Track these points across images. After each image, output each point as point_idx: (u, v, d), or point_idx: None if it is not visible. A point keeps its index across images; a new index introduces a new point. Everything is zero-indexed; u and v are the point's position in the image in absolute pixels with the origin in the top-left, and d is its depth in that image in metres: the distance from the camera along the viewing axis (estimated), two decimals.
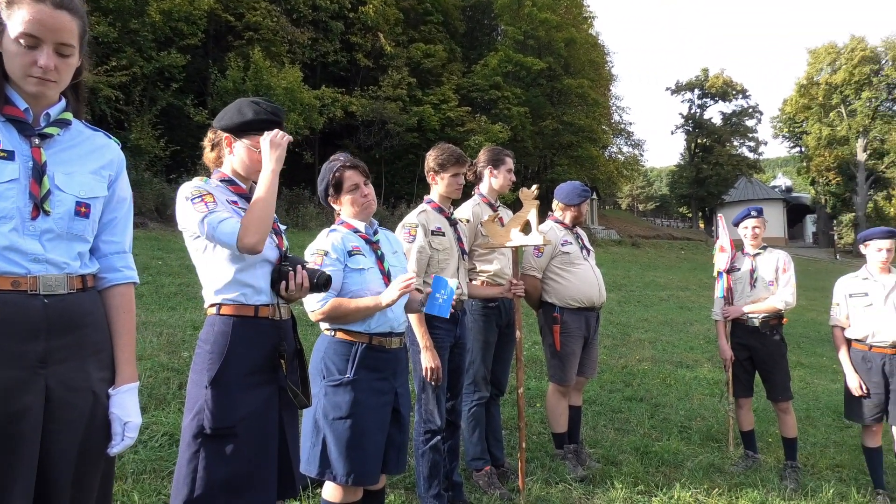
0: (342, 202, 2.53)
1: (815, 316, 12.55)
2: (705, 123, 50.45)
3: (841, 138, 49.48)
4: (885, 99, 48.91)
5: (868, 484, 4.11)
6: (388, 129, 22.04)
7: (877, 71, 48.67)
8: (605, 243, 27.43)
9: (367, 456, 2.35)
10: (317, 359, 2.46)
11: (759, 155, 52.51)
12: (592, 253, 4.20)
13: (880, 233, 3.99)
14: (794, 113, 53.03)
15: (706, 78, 50.38)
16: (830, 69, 50.41)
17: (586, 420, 5.06)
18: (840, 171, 49.57)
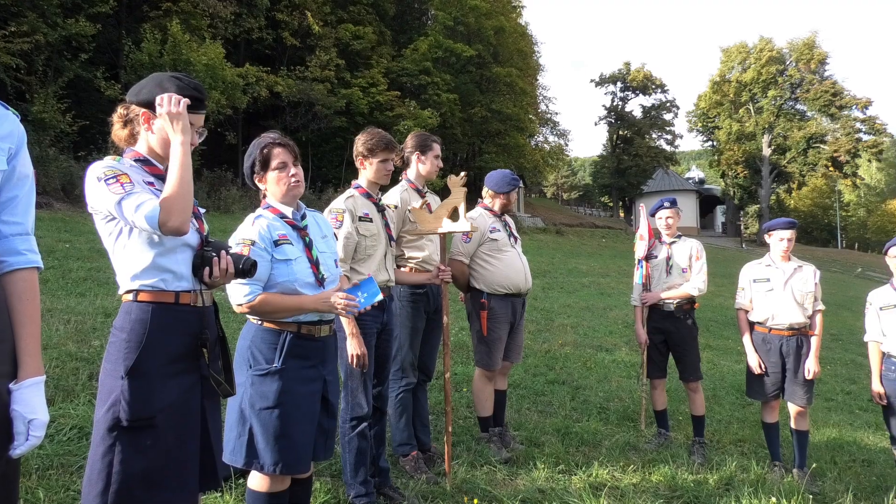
0: (267, 180, 2.44)
1: (722, 301, 13.34)
2: (627, 116, 52.32)
3: (749, 134, 52.65)
4: (789, 98, 52.39)
5: (767, 457, 4.43)
6: (315, 112, 21.55)
7: (782, 71, 52.01)
8: (530, 231, 28.04)
9: (296, 445, 2.31)
10: (242, 347, 2.38)
11: (676, 148, 55.05)
12: (519, 240, 4.28)
13: (782, 223, 4.29)
14: (708, 108, 55.94)
15: (628, 71, 52.17)
16: (741, 68, 53.45)
17: (511, 403, 5.17)
18: (747, 165, 52.80)
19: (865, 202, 70.44)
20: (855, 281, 28.90)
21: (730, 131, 53.15)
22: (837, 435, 5.53)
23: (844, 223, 62.14)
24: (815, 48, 51.02)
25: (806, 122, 51.48)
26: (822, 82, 50.63)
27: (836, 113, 50.35)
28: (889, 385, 4.00)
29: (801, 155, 50.74)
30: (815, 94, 50.22)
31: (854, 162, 50.96)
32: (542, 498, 3.41)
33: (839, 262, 39.86)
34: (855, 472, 4.56)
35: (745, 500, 3.57)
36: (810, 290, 4.18)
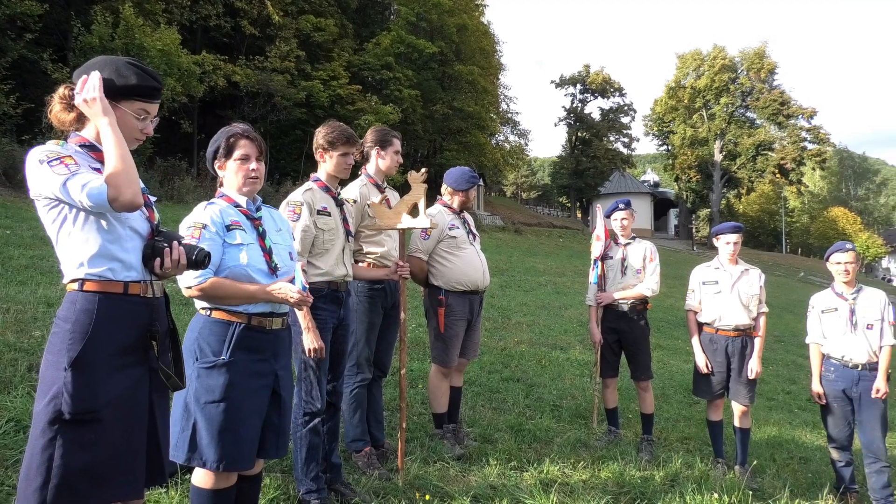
0: (227, 168, 2.40)
1: (673, 302, 13.71)
2: (586, 118, 53.14)
3: (702, 139, 54.22)
4: (739, 105, 54.18)
5: (711, 454, 4.58)
6: (274, 103, 21.17)
7: (734, 79, 53.73)
8: (489, 229, 28.22)
9: (241, 440, 2.26)
10: (190, 339, 2.32)
11: (632, 151, 56.25)
12: (478, 238, 4.30)
13: (729, 228, 4.44)
14: (663, 113, 57.34)
15: (588, 74, 52.97)
16: (695, 74, 54.97)
17: (466, 400, 5.20)
18: (700, 170, 54.38)
19: (809, 209, 73.46)
20: (797, 285, 30.10)
21: (684, 136, 54.63)
22: (777, 433, 5.75)
23: (789, 228, 64.66)
24: (765, 58, 52.87)
25: (755, 130, 53.34)
26: (771, 91, 52.54)
27: (784, 121, 52.36)
28: (827, 385, 4.19)
29: (751, 161, 52.55)
30: (765, 102, 52.08)
31: (799, 170, 53.11)
32: (493, 494, 3.44)
33: (783, 266, 41.48)
34: (792, 469, 4.76)
35: (689, 496, 3.68)
36: (755, 292, 4.34)
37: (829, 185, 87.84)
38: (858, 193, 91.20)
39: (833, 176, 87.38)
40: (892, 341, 4.06)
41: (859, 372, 4.06)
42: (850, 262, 4.12)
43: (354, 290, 3.58)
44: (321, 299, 2.97)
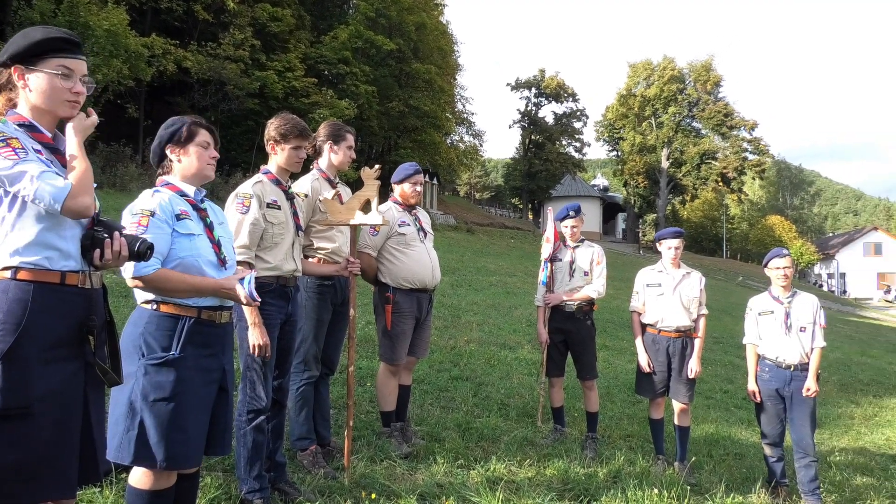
0: (188, 153, 2.32)
1: (619, 304, 14.03)
2: (539, 121, 53.86)
3: (650, 146, 55.83)
4: (686, 115, 56.02)
5: (652, 451, 4.71)
6: (226, 92, 20.64)
7: (681, 90, 55.52)
8: (442, 228, 28.28)
9: (190, 438, 2.20)
10: (133, 334, 2.22)
11: (584, 155, 57.33)
12: (430, 236, 4.29)
13: (671, 233, 4.58)
14: (614, 120, 58.79)
15: (542, 78, 53.70)
16: (646, 83, 56.56)
17: (414, 399, 5.20)
18: (647, 176, 55.98)
19: (748, 216, 76.63)
20: (736, 289, 31.33)
21: (633, 143, 56.11)
22: (714, 430, 5.97)
23: (729, 235, 67.21)
24: (711, 71, 54.84)
25: (700, 139, 55.23)
26: (716, 103, 54.52)
27: (727, 132, 54.42)
28: (762, 384, 4.37)
29: (695, 169, 54.38)
30: (710, 113, 54.00)
31: (740, 179, 55.28)
32: (440, 492, 3.45)
33: (723, 270, 43.08)
34: (728, 465, 4.95)
35: (631, 492, 3.77)
36: (696, 295, 4.49)
37: (767, 195, 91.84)
38: (794, 203, 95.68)
39: (771, 186, 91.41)
40: (823, 343, 4.27)
41: (792, 372, 4.25)
42: (787, 268, 4.32)
43: (303, 285, 3.52)
44: (268, 294, 2.91)
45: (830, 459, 5.54)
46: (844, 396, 8.96)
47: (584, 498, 3.72)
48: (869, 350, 15.46)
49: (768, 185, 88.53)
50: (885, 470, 5.45)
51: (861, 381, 10.33)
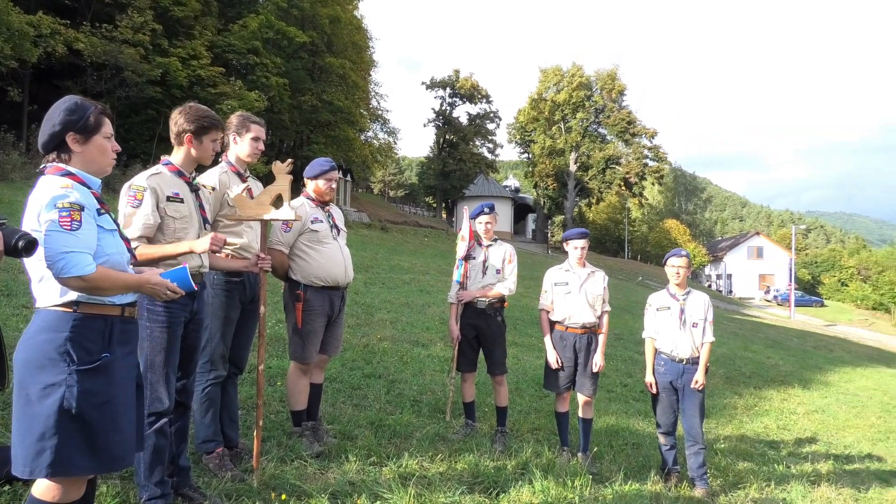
0: (94, 143, 2.15)
1: (529, 302, 14.45)
2: (453, 121, 54.44)
3: (559, 150, 57.89)
4: (593, 121, 58.54)
5: (558, 443, 4.91)
6: (124, 77, 19.38)
7: (589, 96, 57.95)
8: (356, 225, 27.98)
9: (126, 438, 2.13)
10: (55, 341, 2.02)
11: (496, 156, 58.59)
12: (343, 233, 4.25)
13: (577, 234, 4.79)
14: (526, 123, 60.48)
15: (457, 79, 54.32)
16: (556, 89, 58.57)
17: (326, 397, 5.13)
18: (556, 179, 58.00)
19: (648, 220, 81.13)
20: (636, 288, 33.06)
21: (543, 146, 57.96)
22: (615, 422, 6.29)
23: (631, 237, 70.90)
24: (616, 80, 57.58)
25: (606, 145, 57.89)
26: (620, 111, 57.34)
27: (630, 139, 57.39)
28: (658, 377, 4.67)
29: (601, 174, 56.93)
30: (615, 120, 56.72)
31: (641, 184, 58.46)
32: (352, 490, 3.43)
33: (625, 270, 45.38)
34: (626, 454, 5.23)
35: (537, 482, 3.91)
36: (600, 293, 4.72)
37: (665, 200, 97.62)
38: (688, 208, 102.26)
39: (668, 191, 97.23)
40: (712, 339, 4.62)
41: (684, 365, 4.56)
42: (682, 267, 4.63)
43: (210, 282, 3.39)
44: None
45: (717, 447, 5.99)
46: (729, 388, 9.70)
47: (494, 490, 3.82)
48: (751, 345, 16.81)
49: (666, 191, 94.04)
50: (763, 455, 5.96)
51: (744, 374, 11.22)
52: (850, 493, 5.13)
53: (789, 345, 19.63)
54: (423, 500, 3.45)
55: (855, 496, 5.10)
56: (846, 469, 5.95)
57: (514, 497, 3.76)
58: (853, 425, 8.18)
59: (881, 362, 19.18)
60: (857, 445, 7.09)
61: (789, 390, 10.25)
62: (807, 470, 5.61)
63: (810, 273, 70.43)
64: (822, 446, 6.81)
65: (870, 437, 7.62)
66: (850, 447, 6.96)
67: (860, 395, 10.86)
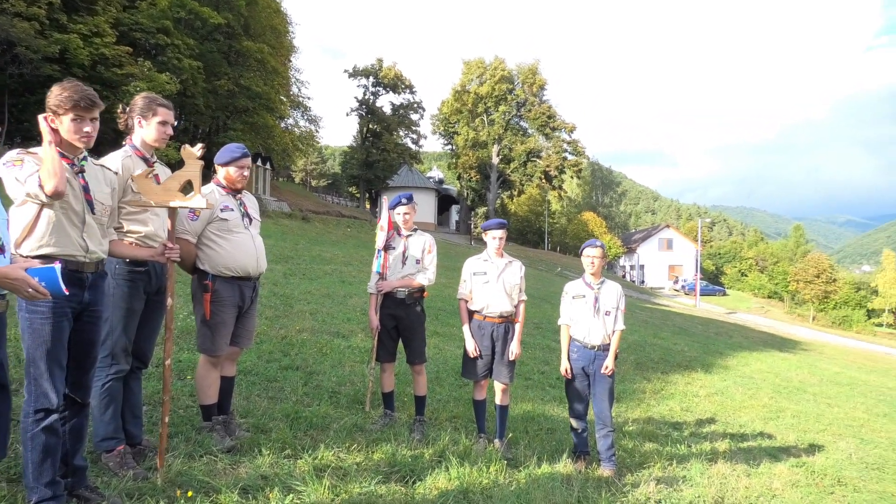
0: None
1: (450, 292, 14.55)
2: (377, 111, 53.93)
3: (482, 142, 58.59)
4: (515, 115, 59.61)
5: (475, 430, 4.99)
6: (17, 54, 17.93)
7: (511, 90, 58.92)
8: (275, 215, 27.22)
9: None
10: None
11: (420, 147, 58.54)
12: (257, 222, 4.12)
13: (495, 224, 4.87)
14: (449, 114, 60.80)
15: (380, 68, 53.79)
16: (479, 81, 59.17)
17: (240, 390, 4.99)
18: (479, 171, 58.70)
19: (567, 212, 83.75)
20: (555, 278, 34.07)
21: (466, 138, 58.47)
22: (531, 408, 6.47)
23: (551, 228, 72.95)
24: (537, 74, 58.84)
25: (527, 138, 59.12)
26: (541, 105, 58.70)
27: (550, 133, 58.91)
28: (572, 363, 4.83)
29: (522, 166, 58.12)
30: (535, 114, 58.01)
31: (560, 177, 60.18)
32: (264, 484, 3.35)
33: (545, 261, 46.65)
34: (541, 439, 5.39)
35: (453, 469, 3.97)
36: (517, 282, 4.82)
37: (583, 193, 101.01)
38: (605, 201, 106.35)
39: (586, 185, 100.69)
40: (623, 326, 4.82)
41: (595, 352, 4.75)
42: (597, 257, 4.80)
43: (112, 272, 3.20)
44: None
45: (625, 429, 6.29)
46: (639, 374, 10.19)
47: (410, 479, 3.85)
48: (660, 333, 17.72)
49: (584, 184, 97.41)
50: (668, 436, 6.31)
51: (652, 360, 11.82)
52: (743, 468, 5.52)
53: (694, 332, 20.86)
54: (338, 492, 3.42)
55: (747, 471, 5.49)
56: (741, 447, 6.39)
57: (429, 484, 3.80)
58: (748, 406, 8.81)
59: (774, 347, 20.74)
60: (751, 424, 7.64)
61: (693, 374, 10.90)
62: (706, 449, 6.00)
63: (714, 264, 74.99)
64: (720, 426, 7.29)
65: (762, 417, 8.23)
66: (744, 426, 7.49)
67: (755, 378, 11.71)
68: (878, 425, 9.28)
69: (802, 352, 21.23)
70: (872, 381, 15.71)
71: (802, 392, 11.05)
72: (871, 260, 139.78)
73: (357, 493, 3.47)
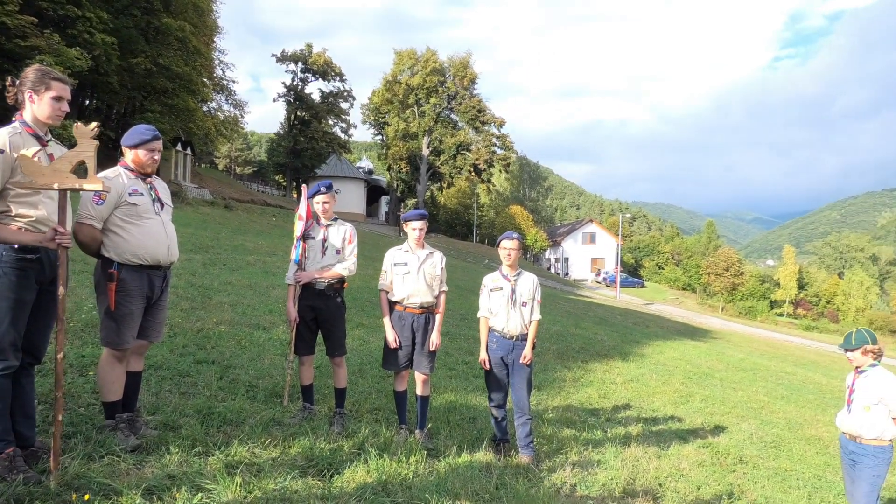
0: None
1: (377, 284, 14.43)
2: (306, 98, 52.73)
3: (413, 134, 58.44)
4: (445, 107, 59.75)
5: (396, 421, 4.96)
6: None
7: (442, 82, 58.98)
8: (196, 202, 26.12)
9: None
10: None
11: (350, 137, 57.79)
12: (168, 208, 3.91)
13: (415, 215, 4.84)
14: (380, 104, 60.25)
15: (310, 54, 52.59)
16: (410, 72, 58.87)
17: (149, 386, 4.74)
18: (409, 162, 58.55)
19: (495, 205, 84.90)
20: (484, 270, 34.48)
21: (397, 129, 58.15)
22: (454, 398, 6.51)
23: (479, 221, 73.77)
24: (468, 68, 59.18)
25: (457, 131, 59.46)
26: (471, 98, 59.12)
27: (480, 127, 59.46)
28: (491, 353, 4.88)
29: (452, 159, 58.44)
30: (466, 108, 58.38)
31: (489, 170, 60.91)
32: (171, 484, 3.20)
33: (473, 253, 47.16)
34: (462, 429, 5.43)
35: (373, 461, 3.93)
36: (438, 273, 4.82)
37: (511, 186, 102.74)
38: (532, 195, 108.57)
39: (514, 179, 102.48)
40: (539, 317, 4.92)
41: (514, 342, 4.82)
42: (512, 249, 4.86)
43: None
44: None
45: (545, 417, 6.44)
46: (560, 363, 10.46)
47: (329, 472, 3.78)
48: (581, 323, 18.29)
49: (512, 178, 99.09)
50: (585, 422, 6.51)
51: (573, 349, 12.17)
52: (654, 451, 5.78)
53: (614, 322, 21.67)
54: (251, 488, 3.31)
55: (658, 453, 5.75)
56: (653, 430, 6.69)
57: (348, 477, 3.74)
58: (661, 391, 9.23)
59: (687, 336, 21.87)
60: (663, 409, 8.01)
61: (611, 363, 11.31)
62: (620, 433, 6.23)
63: (634, 257, 78.17)
64: (634, 411, 7.59)
65: (673, 401, 8.65)
66: (657, 411, 7.84)
67: (668, 365, 12.28)
68: (776, 407, 9.96)
69: (712, 340, 22.50)
70: (773, 366, 16.86)
71: (710, 378, 11.70)
72: (775, 255, 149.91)
73: (272, 489, 3.37)
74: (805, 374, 16.72)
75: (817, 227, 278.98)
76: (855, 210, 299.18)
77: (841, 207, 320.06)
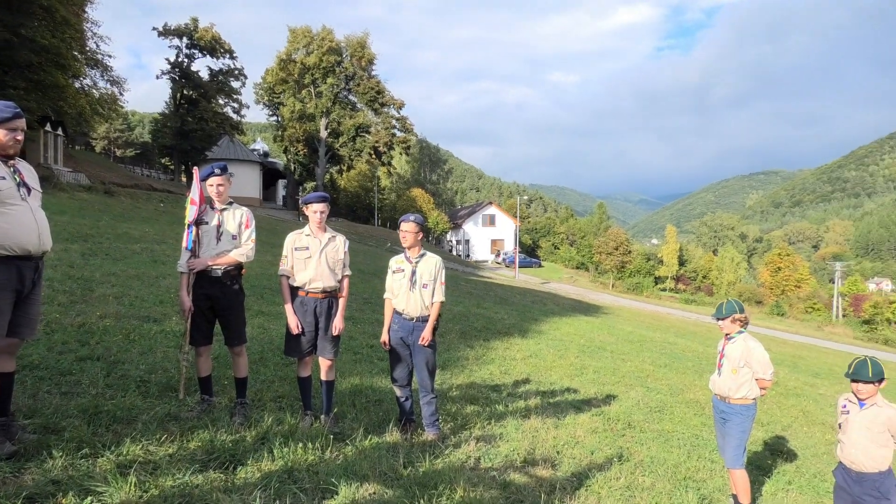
0: None
1: (276, 270, 14.04)
2: (192, 75, 49.80)
3: (310, 115, 56.81)
4: (343, 88, 58.52)
5: (300, 408, 4.89)
6: None
7: (339, 62, 57.63)
8: (71, 188, 24.07)
9: None
10: None
11: (242, 117, 55.29)
12: (37, 193, 3.59)
13: (316, 198, 4.76)
14: (274, 84, 58.00)
15: (195, 28, 49.60)
16: (305, 51, 57.02)
17: (24, 388, 4.38)
18: (307, 144, 56.99)
19: (396, 188, 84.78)
20: (385, 254, 34.36)
21: (293, 109, 56.29)
22: (359, 382, 6.50)
23: (381, 204, 73.39)
24: (366, 48, 58.14)
25: (356, 113, 58.45)
26: (370, 80, 58.22)
27: (379, 109, 58.78)
28: (393, 334, 4.92)
29: (351, 141, 57.44)
30: (364, 89, 57.44)
31: (390, 153, 60.50)
32: (55, 489, 2.99)
33: (375, 237, 46.92)
34: (368, 412, 5.45)
35: (277, 450, 3.87)
36: (341, 257, 4.78)
37: (411, 169, 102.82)
38: (432, 178, 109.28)
39: (415, 161, 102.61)
40: (441, 298, 4.99)
41: (414, 323, 4.88)
42: (409, 231, 4.89)
43: None
44: None
45: (450, 395, 6.59)
46: (463, 342, 10.70)
47: (231, 465, 3.68)
48: (482, 303, 18.76)
49: (413, 161, 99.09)
50: (487, 398, 6.73)
51: (475, 329, 12.48)
52: (552, 421, 6.08)
53: (513, 301, 22.41)
54: (147, 487, 3.17)
55: (556, 423, 6.06)
56: (550, 402, 7.03)
57: (252, 468, 3.67)
58: (557, 365, 9.69)
59: (580, 312, 23.04)
60: (560, 381, 8.43)
61: (511, 340, 11.71)
62: (521, 406, 6.51)
63: (531, 238, 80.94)
64: (533, 385, 7.94)
65: (569, 374, 9.12)
66: (554, 384, 8.24)
67: (564, 340, 12.91)
68: (660, 375, 10.76)
69: (603, 315, 23.86)
70: (657, 337, 18.16)
71: (602, 350, 12.43)
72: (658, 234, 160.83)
73: (170, 486, 3.24)
74: (685, 343, 18.15)
75: (695, 208, 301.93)
76: (727, 192, 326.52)
77: (716, 189, 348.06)
